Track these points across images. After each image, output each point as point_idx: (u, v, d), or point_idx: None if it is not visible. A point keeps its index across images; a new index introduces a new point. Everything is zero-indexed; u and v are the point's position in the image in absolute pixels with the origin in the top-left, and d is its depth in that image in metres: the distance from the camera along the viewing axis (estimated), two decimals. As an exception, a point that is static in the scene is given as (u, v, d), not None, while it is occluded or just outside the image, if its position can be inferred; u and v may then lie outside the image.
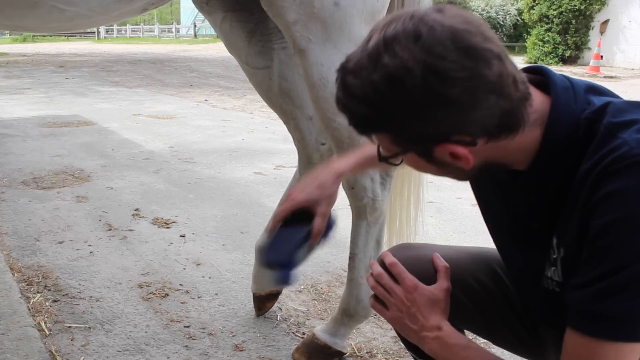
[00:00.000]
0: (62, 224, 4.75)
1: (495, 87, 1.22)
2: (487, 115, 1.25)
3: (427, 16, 1.23)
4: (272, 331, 3.16)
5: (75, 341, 3.02)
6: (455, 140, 1.28)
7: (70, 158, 7.07)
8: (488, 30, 1.25)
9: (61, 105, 11.67)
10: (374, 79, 1.23)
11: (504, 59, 1.24)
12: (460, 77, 1.19)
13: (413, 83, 1.20)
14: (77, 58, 27.19)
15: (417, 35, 1.20)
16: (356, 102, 1.28)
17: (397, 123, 1.28)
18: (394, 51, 1.21)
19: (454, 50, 1.19)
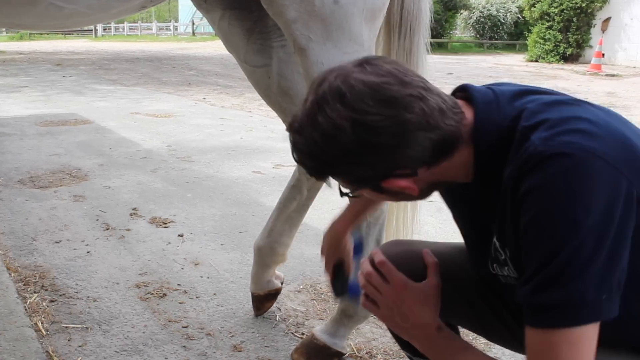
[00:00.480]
0: (59, 223, 4.75)
1: (421, 125, 1.37)
2: (420, 150, 1.39)
3: (349, 75, 1.38)
4: (271, 331, 3.17)
5: (72, 342, 3.02)
6: (397, 175, 1.44)
7: (67, 157, 7.07)
8: (407, 75, 1.40)
9: (58, 104, 11.66)
10: (314, 137, 1.40)
11: (426, 97, 1.38)
12: (385, 126, 1.35)
13: (345, 137, 1.36)
14: (75, 56, 27.18)
15: (342, 96, 1.37)
16: (305, 156, 1.46)
17: (342, 170, 1.45)
18: (324, 112, 1.38)
19: (375, 103, 1.35)
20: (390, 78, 1.38)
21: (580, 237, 1.27)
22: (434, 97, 1.40)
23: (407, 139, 1.37)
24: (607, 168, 1.29)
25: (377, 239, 2.72)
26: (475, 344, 3.04)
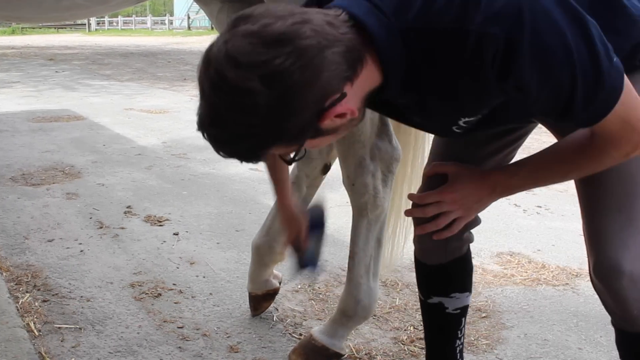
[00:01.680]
0: (52, 221, 4.74)
1: (321, 44, 1.33)
2: (335, 68, 1.35)
3: (228, 40, 1.33)
4: (268, 332, 3.16)
5: (65, 342, 3.01)
6: (329, 105, 1.38)
7: (60, 154, 7.07)
8: (279, 9, 1.36)
9: (51, 100, 11.65)
10: (232, 117, 1.34)
11: (308, 18, 1.35)
12: (291, 64, 1.29)
13: (262, 96, 1.30)
14: (67, 51, 27.17)
15: (233, 60, 1.31)
16: (233, 144, 1.41)
17: (277, 134, 1.38)
18: (227, 85, 1.31)
19: (268, 48, 1.29)
20: (265, 19, 1.33)
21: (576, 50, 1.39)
22: (315, 15, 1.38)
23: (318, 65, 1.32)
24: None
25: (377, 237, 2.71)
26: (476, 345, 3.04)
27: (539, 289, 3.68)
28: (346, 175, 2.64)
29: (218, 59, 1.33)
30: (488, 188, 1.86)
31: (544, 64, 1.40)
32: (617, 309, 1.83)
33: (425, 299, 2.29)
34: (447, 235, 1.97)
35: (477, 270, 3.89)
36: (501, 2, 1.38)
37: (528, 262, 4.07)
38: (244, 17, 1.36)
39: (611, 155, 1.59)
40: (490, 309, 3.42)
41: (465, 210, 1.91)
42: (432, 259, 2.18)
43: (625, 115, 1.49)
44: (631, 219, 1.76)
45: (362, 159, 2.57)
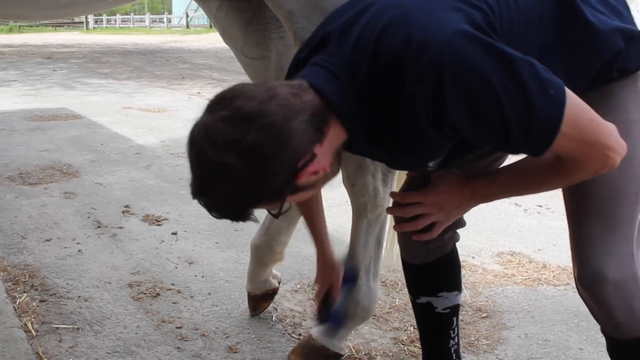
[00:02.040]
0: (50, 221, 4.74)
1: (287, 117, 1.49)
2: (302, 134, 1.51)
3: (206, 124, 1.51)
4: (267, 332, 3.16)
5: (63, 342, 3.01)
6: (302, 167, 1.54)
7: (57, 153, 7.06)
8: (248, 89, 1.53)
9: (48, 98, 11.65)
10: (216, 187, 1.52)
11: (274, 94, 1.51)
12: (261, 138, 1.46)
13: (239, 169, 1.47)
14: (65, 49, 27.17)
15: (210, 141, 1.48)
16: (222, 208, 1.58)
17: (258, 196, 1.55)
18: (207, 162, 1.50)
19: (239, 128, 1.46)
20: (237, 102, 1.49)
21: (503, 91, 1.48)
22: (281, 89, 1.54)
23: (286, 135, 1.48)
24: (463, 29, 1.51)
25: (377, 238, 2.71)
26: (477, 345, 3.04)
27: (540, 289, 3.68)
28: (346, 175, 2.63)
29: (199, 140, 1.51)
30: (468, 194, 1.90)
31: (472, 109, 1.50)
32: (604, 316, 1.86)
33: (414, 299, 2.33)
34: (427, 238, 2.01)
35: (477, 270, 3.89)
36: (424, 61, 1.49)
37: (529, 261, 4.07)
38: (219, 101, 1.54)
39: (580, 173, 1.65)
40: (490, 309, 3.42)
41: (444, 214, 1.95)
42: (415, 258, 2.23)
43: (581, 139, 1.55)
44: (614, 224, 1.81)
45: (362, 159, 2.56)
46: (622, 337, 1.87)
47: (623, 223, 1.81)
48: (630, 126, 1.78)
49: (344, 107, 1.62)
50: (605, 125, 1.58)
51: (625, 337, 1.87)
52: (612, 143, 1.58)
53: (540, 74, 1.50)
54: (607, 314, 1.84)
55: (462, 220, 2.21)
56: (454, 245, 2.28)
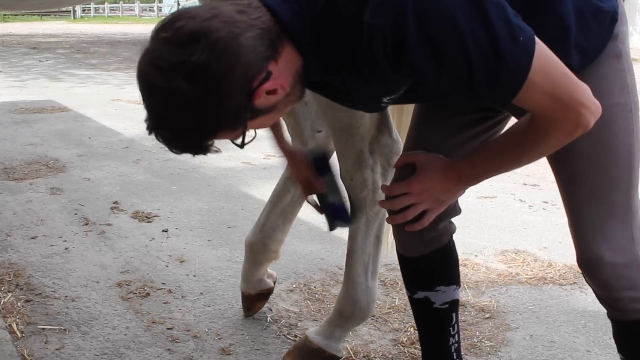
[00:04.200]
0: (35, 217, 4.73)
1: (233, 33, 1.45)
2: (252, 51, 1.47)
3: (149, 49, 1.51)
4: (261, 333, 3.16)
5: (49, 344, 3.01)
6: (257, 85, 1.50)
7: (43, 147, 7.05)
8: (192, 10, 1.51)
9: (34, 90, 11.63)
10: (169, 115, 1.51)
11: (218, 13, 1.48)
12: (207, 57, 1.43)
13: (189, 93, 1.45)
14: (52, 39, 27.11)
15: (154, 66, 1.47)
16: (179, 138, 1.56)
17: (214, 123, 1.53)
18: (156, 90, 1.49)
19: (183, 48, 1.44)
20: (179, 22, 1.47)
21: (470, 33, 1.47)
22: (225, 7, 1.51)
23: (233, 51, 1.45)
24: None
25: (376, 235, 2.71)
26: (479, 347, 3.04)
27: (545, 288, 3.68)
28: (344, 170, 2.63)
29: (145, 69, 1.50)
30: (454, 178, 1.91)
31: (435, 50, 1.49)
32: (608, 299, 1.94)
33: (411, 295, 2.34)
34: (418, 227, 2.02)
35: (480, 269, 3.90)
36: None
37: (534, 260, 4.07)
38: (161, 26, 1.51)
39: (554, 136, 1.66)
40: (494, 309, 3.42)
41: (433, 201, 1.96)
42: (411, 251, 2.24)
43: (553, 92, 1.56)
44: (611, 209, 1.87)
45: (360, 153, 2.56)
46: (626, 317, 1.95)
47: (618, 208, 1.87)
48: (614, 110, 1.80)
49: (299, 30, 1.57)
50: (578, 82, 1.59)
51: (630, 318, 1.94)
52: (586, 100, 1.59)
53: (510, 18, 1.51)
54: (611, 296, 1.92)
55: (457, 208, 2.23)
56: (451, 237, 2.28)
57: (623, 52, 1.86)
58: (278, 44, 1.54)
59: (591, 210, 1.88)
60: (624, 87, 1.85)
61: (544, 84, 1.54)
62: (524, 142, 1.72)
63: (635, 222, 1.89)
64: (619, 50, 1.85)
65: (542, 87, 1.54)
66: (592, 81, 1.72)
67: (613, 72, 1.84)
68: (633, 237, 1.88)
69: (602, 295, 1.96)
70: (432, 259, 2.23)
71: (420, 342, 2.45)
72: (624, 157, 1.85)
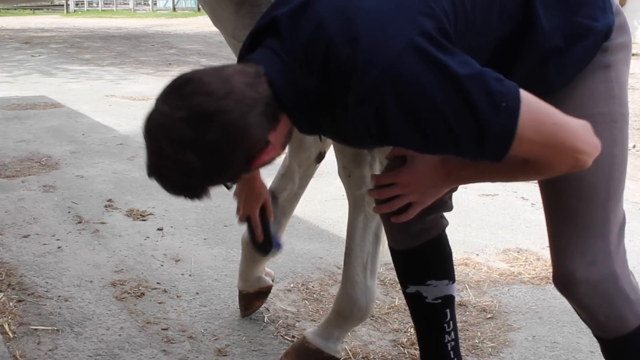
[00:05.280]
0: (28, 216, 4.73)
1: (243, 112, 1.60)
2: (258, 126, 1.64)
3: (163, 117, 1.62)
4: (258, 334, 3.16)
5: (42, 345, 3.01)
6: (256, 154, 1.68)
7: (36, 143, 7.05)
8: (205, 81, 1.62)
9: (26, 86, 11.61)
10: (173, 177, 1.69)
11: (231, 89, 1.60)
12: (217, 137, 1.58)
13: (197, 166, 1.61)
14: (44, 33, 27.06)
15: (169, 139, 1.60)
16: (175, 193, 1.75)
17: (213, 184, 1.72)
18: (166, 157, 1.63)
19: (196, 127, 1.58)
20: (195, 99, 1.59)
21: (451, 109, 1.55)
22: (236, 79, 1.63)
23: (242, 131, 1.61)
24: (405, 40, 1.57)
25: (375, 233, 2.70)
26: (481, 348, 3.04)
27: (548, 287, 3.68)
28: (342, 166, 2.63)
29: (156, 136, 1.63)
30: (443, 174, 1.95)
31: (419, 129, 1.60)
32: (585, 316, 1.98)
33: (404, 290, 2.36)
34: (404, 219, 2.06)
35: (481, 268, 3.90)
36: (369, 80, 1.57)
37: (536, 259, 4.07)
38: (176, 93, 1.63)
39: (552, 172, 1.72)
40: (496, 309, 3.42)
41: (420, 194, 2.00)
42: (399, 243, 2.27)
43: (545, 143, 1.61)
44: (586, 224, 1.88)
45: (359, 149, 2.56)
46: (607, 336, 1.98)
47: (596, 221, 1.88)
48: (597, 120, 1.80)
49: (290, 102, 1.71)
50: (572, 127, 1.63)
51: (610, 337, 1.97)
52: (581, 145, 1.63)
53: (490, 86, 1.56)
54: (587, 313, 1.95)
55: (449, 204, 2.27)
56: (442, 232, 2.31)
57: (613, 63, 1.87)
58: (278, 114, 1.70)
59: (567, 223, 1.91)
60: (610, 97, 1.86)
61: (534, 137, 1.58)
62: (520, 168, 1.75)
63: (612, 234, 1.90)
64: (607, 61, 1.86)
65: (533, 140, 1.59)
66: (575, 92, 1.79)
67: (598, 83, 1.86)
68: (610, 251, 1.89)
69: (580, 312, 1.99)
70: (422, 253, 2.27)
71: (417, 340, 2.47)
72: (603, 168, 1.85)
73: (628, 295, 1.91)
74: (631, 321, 1.92)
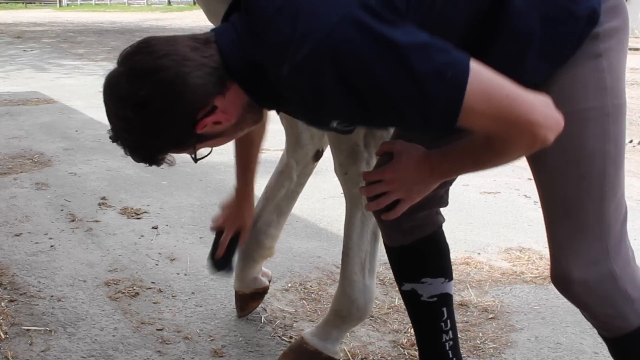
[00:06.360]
0: (20, 214, 4.73)
1: (181, 72, 1.68)
2: (197, 89, 1.71)
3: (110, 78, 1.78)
4: (255, 335, 3.16)
5: (34, 346, 3.01)
6: (201, 117, 1.75)
7: (28, 140, 7.04)
8: (152, 44, 1.73)
9: (18, 81, 11.62)
10: (121, 135, 1.80)
11: (173, 50, 1.70)
12: (152, 93, 1.69)
13: (134, 121, 1.73)
14: (37, 28, 27.06)
15: (108, 94, 1.78)
16: (132, 154, 1.83)
17: (158, 146, 1.82)
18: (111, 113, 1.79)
19: (133, 83, 1.70)
20: (136, 57, 1.73)
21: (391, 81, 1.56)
22: (182, 43, 1.73)
23: (177, 89, 1.69)
24: None
25: (373, 231, 2.70)
26: (482, 349, 3.05)
27: (551, 287, 3.65)
28: (338, 163, 2.63)
29: (105, 93, 1.79)
30: (427, 169, 1.92)
31: (359, 101, 1.61)
32: (587, 315, 1.98)
33: (400, 287, 2.38)
34: (392, 217, 2.04)
35: (483, 268, 3.90)
36: (304, 50, 1.58)
37: (539, 258, 4.08)
38: (125, 54, 1.76)
39: (513, 150, 1.69)
40: (497, 309, 3.43)
41: (406, 191, 1.98)
42: (392, 240, 2.29)
43: (497, 116, 1.60)
44: (582, 224, 1.87)
45: (355, 146, 2.56)
46: (611, 335, 1.97)
47: (591, 221, 1.86)
48: (587, 115, 1.79)
49: (241, 75, 1.77)
50: (527, 99, 1.60)
51: (614, 335, 1.96)
52: (537, 118, 1.60)
53: (435, 56, 1.56)
54: (588, 312, 1.96)
55: (444, 199, 2.26)
56: (438, 228, 2.31)
57: (605, 51, 1.80)
58: (226, 81, 1.76)
59: (562, 224, 1.89)
60: (601, 89, 1.81)
61: (484, 109, 1.58)
62: (487, 151, 1.73)
63: (611, 233, 1.87)
64: (598, 50, 1.80)
65: (484, 112, 1.59)
66: (564, 84, 1.76)
67: (589, 73, 1.80)
68: (608, 250, 1.87)
69: (582, 312, 1.99)
70: (415, 249, 2.27)
71: (416, 339, 2.48)
72: (597, 166, 1.83)
73: (629, 294, 1.89)
74: (633, 320, 1.92)
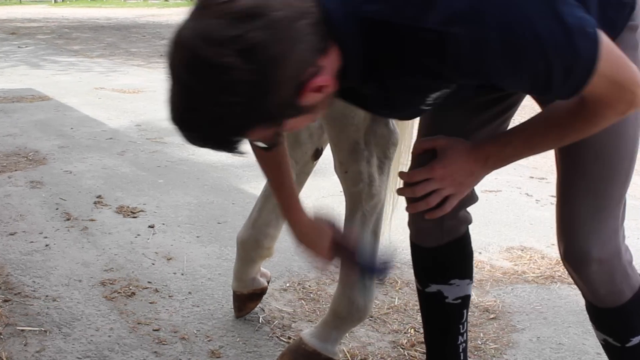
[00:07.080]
0: (14, 213, 4.72)
1: (293, 17, 1.40)
2: (308, 40, 1.43)
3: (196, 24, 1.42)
4: (253, 335, 3.16)
5: (29, 346, 3.00)
6: (307, 78, 1.46)
7: (23, 138, 7.04)
8: None
9: (13, 78, 11.62)
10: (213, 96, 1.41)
11: None
12: (265, 37, 1.36)
13: (241, 71, 1.37)
14: (31, 24, 27.04)
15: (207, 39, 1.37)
16: (209, 130, 1.49)
17: (258, 113, 1.45)
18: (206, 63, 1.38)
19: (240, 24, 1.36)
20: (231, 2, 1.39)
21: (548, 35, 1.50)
22: None
23: (292, 36, 1.41)
24: None
25: (373, 230, 2.70)
26: (484, 349, 3.04)
27: (553, 287, 3.68)
28: (338, 162, 2.62)
29: (190, 39, 1.40)
30: (480, 160, 1.92)
31: (517, 58, 1.52)
32: (586, 290, 2.03)
33: (423, 289, 2.35)
34: (440, 214, 2.03)
35: (484, 267, 3.90)
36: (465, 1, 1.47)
37: (541, 257, 4.08)
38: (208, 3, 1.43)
39: (606, 116, 1.69)
40: (499, 309, 3.43)
41: (457, 186, 1.97)
42: (428, 241, 2.27)
43: (611, 76, 1.59)
44: (604, 204, 1.93)
45: (355, 144, 2.55)
46: (602, 305, 2.05)
47: (612, 201, 1.94)
48: None
49: (347, 32, 1.53)
50: (630, 62, 1.62)
51: (604, 306, 2.04)
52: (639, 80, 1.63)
53: (578, 12, 1.53)
54: (590, 288, 2.02)
55: (474, 196, 2.29)
56: (467, 229, 2.34)
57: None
58: (328, 38, 1.50)
59: (587, 202, 1.93)
60: None
61: (607, 70, 1.56)
62: (571, 122, 1.74)
63: (620, 213, 1.97)
64: (635, 41, 1.86)
65: (605, 73, 1.56)
66: None
67: (631, 48, 1.84)
68: (617, 228, 1.96)
69: (581, 286, 2.05)
70: (449, 250, 2.28)
71: (426, 341, 2.47)
72: (629, 149, 1.90)
73: (626, 270, 2.00)
74: (626, 294, 2.01)
